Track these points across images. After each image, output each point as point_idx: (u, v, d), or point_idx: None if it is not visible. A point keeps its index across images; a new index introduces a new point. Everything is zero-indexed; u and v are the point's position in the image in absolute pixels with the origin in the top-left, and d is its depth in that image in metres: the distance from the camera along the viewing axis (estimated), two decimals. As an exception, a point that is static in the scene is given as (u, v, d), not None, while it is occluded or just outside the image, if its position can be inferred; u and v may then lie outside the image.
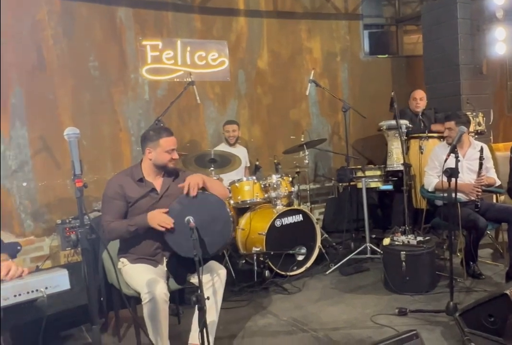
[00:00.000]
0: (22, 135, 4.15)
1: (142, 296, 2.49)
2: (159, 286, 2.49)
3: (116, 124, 4.70)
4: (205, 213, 2.60)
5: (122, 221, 2.68)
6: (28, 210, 4.14)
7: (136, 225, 2.63)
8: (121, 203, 2.72)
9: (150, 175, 2.82)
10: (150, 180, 2.80)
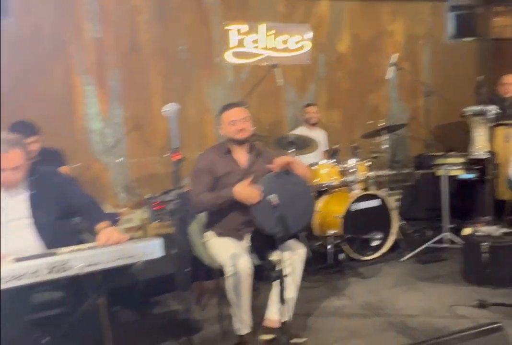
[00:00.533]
0: (118, 114, 4.37)
1: (226, 269, 2.56)
2: (243, 260, 2.55)
3: (202, 105, 4.81)
4: (290, 192, 2.63)
5: (210, 194, 2.75)
6: (122, 185, 4.38)
7: (222, 197, 2.69)
8: (209, 177, 2.79)
9: (235, 151, 2.88)
10: (235, 156, 2.87)
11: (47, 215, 2.38)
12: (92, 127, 4.31)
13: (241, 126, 2.77)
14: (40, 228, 2.35)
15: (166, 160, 4.53)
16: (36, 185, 2.39)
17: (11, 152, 2.23)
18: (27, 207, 2.36)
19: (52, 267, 1.92)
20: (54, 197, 2.41)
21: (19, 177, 2.30)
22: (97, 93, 4.31)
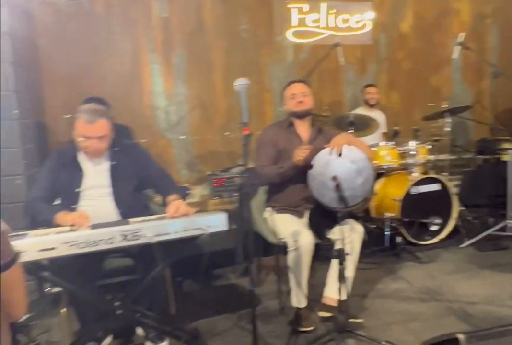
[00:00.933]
0: (182, 92, 4.41)
1: (288, 243, 2.55)
2: (305, 235, 2.54)
3: (262, 84, 4.76)
4: (350, 165, 2.61)
5: (273, 165, 2.79)
6: (184, 161, 4.45)
7: (284, 166, 2.73)
8: (272, 149, 2.84)
9: (297, 125, 2.91)
10: (298, 131, 2.90)
11: (124, 185, 2.47)
12: (157, 104, 4.38)
13: (300, 99, 2.83)
14: (117, 197, 2.44)
15: (226, 139, 4.57)
16: (117, 156, 2.49)
17: (98, 121, 2.33)
18: (108, 177, 2.45)
19: (125, 235, 1.99)
20: (132, 168, 2.50)
21: (104, 146, 2.40)
22: (162, 72, 4.36)
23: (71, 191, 2.40)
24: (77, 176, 2.42)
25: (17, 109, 3.08)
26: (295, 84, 2.91)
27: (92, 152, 2.40)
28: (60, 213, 2.22)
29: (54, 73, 4.00)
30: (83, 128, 2.33)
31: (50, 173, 2.43)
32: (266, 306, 2.88)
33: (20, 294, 1.09)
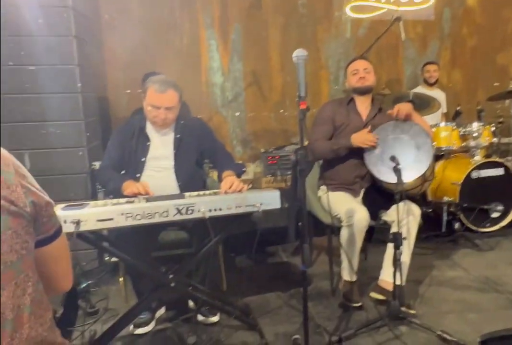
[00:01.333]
0: (238, 68, 4.31)
1: (342, 220, 2.47)
2: (360, 212, 2.44)
3: (318, 61, 4.59)
4: (408, 141, 2.51)
5: (327, 141, 2.71)
6: (239, 138, 4.38)
7: (339, 144, 2.64)
8: (328, 125, 2.76)
9: (357, 102, 2.82)
10: (357, 107, 2.81)
11: (186, 159, 2.47)
12: (214, 80, 4.31)
13: (362, 75, 2.75)
14: (178, 170, 2.44)
15: (281, 116, 4.45)
16: (182, 129, 2.47)
17: (168, 91, 2.32)
18: (172, 149, 2.44)
19: (179, 209, 1.95)
20: (195, 143, 2.49)
21: (171, 117, 2.39)
22: (219, 48, 4.27)
23: (137, 161, 2.42)
24: (144, 145, 2.43)
25: (80, 83, 3.10)
26: (358, 60, 2.86)
27: (160, 123, 2.38)
28: (127, 182, 2.24)
29: (115, 49, 4.01)
30: (153, 98, 2.32)
31: (118, 142, 2.45)
32: (317, 286, 2.80)
33: (64, 266, 1.05)
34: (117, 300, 2.62)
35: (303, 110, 1.89)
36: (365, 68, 2.77)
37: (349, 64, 2.86)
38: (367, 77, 2.76)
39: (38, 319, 0.90)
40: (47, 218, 0.95)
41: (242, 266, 3.17)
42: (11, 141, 3.04)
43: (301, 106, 1.89)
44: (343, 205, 2.53)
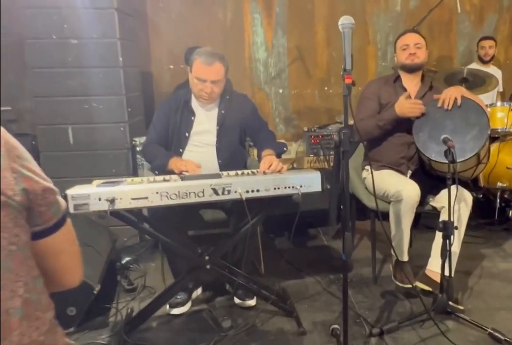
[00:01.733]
0: (282, 44, 4.08)
1: (391, 195, 2.27)
2: (410, 186, 2.24)
3: (366, 36, 4.29)
4: (462, 118, 2.25)
5: (372, 118, 2.49)
6: (281, 115, 4.19)
7: (384, 119, 2.42)
8: (375, 104, 2.54)
9: (406, 80, 2.56)
10: (405, 85, 2.55)
11: (228, 136, 2.34)
12: (257, 56, 4.10)
13: (413, 51, 2.47)
14: (219, 147, 2.33)
15: (325, 94, 4.21)
16: (227, 105, 2.35)
17: (215, 64, 2.18)
18: (215, 125, 2.32)
19: (215, 189, 1.83)
20: (239, 120, 2.36)
21: (217, 91, 2.25)
22: (263, 22, 4.04)
23: (180, 135, 2.32)
24: (189, 120, 2.32)
25: (121, 57, 2.98)
26: (409, 34, 2.56)
27: (206, 96, 2.25)
28: (173, 159, 2.15)
29: (159, 23, 3.87)
30: (199, 70, 2.19)
31: (164, 115, 2.35)
32: (358, 273, 2.60)
33: (68, 261, 0.91)
34: (155, 277, 2.55)
35: (348, 85, 1.68)
36: (417, 43, 2.49)
37: (399, 38, 2.57)
38: (418, 53, 2.49)
39: (34, 322, 0.78)
40: (46, 207, 0.81)
41: (281, 248, 3.01)
42: (55, 115, 2.99)
43: (346, 81, 1.68)
44: (391, 181, 2.34)
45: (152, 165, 2.33)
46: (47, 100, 2.97)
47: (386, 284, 2.44)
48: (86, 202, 1.76)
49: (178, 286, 2.11)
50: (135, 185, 1.83)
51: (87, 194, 1.76)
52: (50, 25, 2.87)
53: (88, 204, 1.76)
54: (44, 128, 3.01)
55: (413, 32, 2.61)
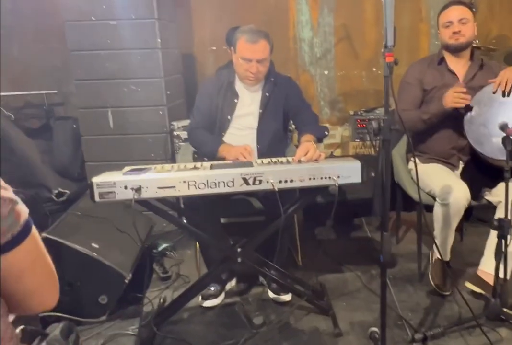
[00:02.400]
0: (329, 22, 3.77)
1: (439, 194, 2.02)
2: (459, 189, 1.99)
3: (417, 13, 3.89)
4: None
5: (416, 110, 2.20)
6: (327, 98, 3.91)
7: (429, 112, 2.13)
8: (417, 90, 2.25)
9: (452, 61, 2.23)
10: (451, 67, 2.22)
11: (271, 120, 2.17)
12: (302, 36, 3.83)
13: (457, 28, 2.11)
14: (260, 131, 2.16)
15: (374, 75, 3.89)
16: (271, 87, 2.17)
17: (260, 42, 2.01)
18: (258, 108, 2.16)
19: (246, 179, 1.67)
20: (282, 103, 2.18)
21: (262, 71, 2.08)
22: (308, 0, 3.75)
23: (223, 118, 2.17)
24: (232, 102, 2.16)
25: (159, 38, 2.84)
26: (453, 7, 2.16)
27: (251, 77, 2.08)
28: (224, 145, 2.03)
29: (201, 3, 3.68)
30: (243, 49, 2.02)
31: (207, 97, 2.20)
32: (402, 269, 2.35)
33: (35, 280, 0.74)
34: (190, 265, 2.45)
35: (389, 63, 1.43)
36: (461, 18, 2.12)
37: (441, 12, 2.21)
38: (463, 30, 2.13)
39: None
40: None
41: (321, 238, 2.80)
42: (95, 98, 2.92)
43: (387, 59, 1.43)
44: (438, 180, 2.08)
45: (199, 151, 2.21)
46: (87, 83, 2.89)
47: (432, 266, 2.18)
48: (112, 190, 1.65)
49: (210, 277, 1.98)
50: (163, 174, 1.70)
51: (112, 182, 1.65)
52: (89, 7, 2.76)
53: (114, 192, 1.65)
54: (85, 112, 2.94)
55: (458, 4, 2.19)
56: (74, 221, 2.13)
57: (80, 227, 2.08)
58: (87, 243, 1.97)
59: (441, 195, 2.00)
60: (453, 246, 2.10)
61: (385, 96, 1.45)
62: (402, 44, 3.90)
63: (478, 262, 2.03)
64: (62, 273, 1.92)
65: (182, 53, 3.44)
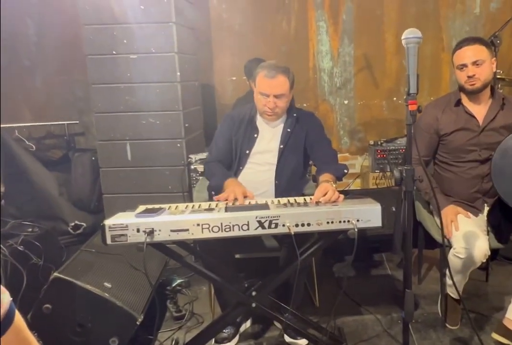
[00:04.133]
0: (349, 52, 3.77)
1: (455, 247, 1.91)
2: (479, 244, 1.87)
3: (439, 42, 3.85)
4: None
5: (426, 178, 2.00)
6: (346, 128, 3.87)
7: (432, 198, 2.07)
8: (430, 136, 2.15)
9: (469, 102, 2.10)
10: (470, 108, 2.09)
11: (290, 156, 2.13)
12: (322, 65, 3.82)
13: (471, 72, 1.97)
14: (279, 167, 2.12)
15: (394, 104, 3.84)
16: (293, 123, 2.13)
17: (278, 77, 1.99)
18: (278, 144, 2.13)
19: (262, 222, 1.61)
20: (302, 138, 2.14)
21: (281, 106, 2.05)
22: (329, 30, 3.76)
23: (242, 153, 2.14)
24: (251, 137, 2.14)
25: (179, 72, 2.86)
26: (466, 47, 1.99)
27: (269, 112, 2.05)
28: (230, 181, 1.99)
29: (222, 34, 3.71)
30: (262, 84, 2.01)
31: (227, 130, 2.18)
32: (425, 312, 2.22)
33: None
34: (205, 303, 2.38)
35: (412, 111, 1.38)
36: (476, 60, 1.96)
37: (455, 52, 2.04)
38: (478, 73, 1.97)
39: None
40: None
41: (340, 276, 2.70)
42: (114, 131, 2.94)
43: (410, 107, 1.38)
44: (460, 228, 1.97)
45: (210, 183, 2.19)
46: (106, 116, 2.92)
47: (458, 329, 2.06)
48: (124, 233, 1.62)
49: (225, 321, 1.91)
50: (176, 216, 1.66)
51: (124, 225, 1.62)
52: (110, 41, 2.81)
53: (126, 235, 1.62)
54: (104, 144, 2.96)
55: (472, 43, 2.00)
56: (88, 259, 2.10)
57: (93, 265, 2.05)
58: (99, 282, 1.93)
59: (459, 248, 1.89)
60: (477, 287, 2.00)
61: (408, 144, 1.39)
62: (424, 73, 3.86)
63: (504, 306, 1.91)
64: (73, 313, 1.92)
65: (202, 83, 3.45)
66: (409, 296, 1.34)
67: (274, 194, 2.09)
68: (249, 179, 2.09)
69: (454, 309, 2.06)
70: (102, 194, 2.97)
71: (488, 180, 2.03)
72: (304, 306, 2.18)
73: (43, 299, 1.86)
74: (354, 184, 3.78)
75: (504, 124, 2.05)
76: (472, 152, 2.08)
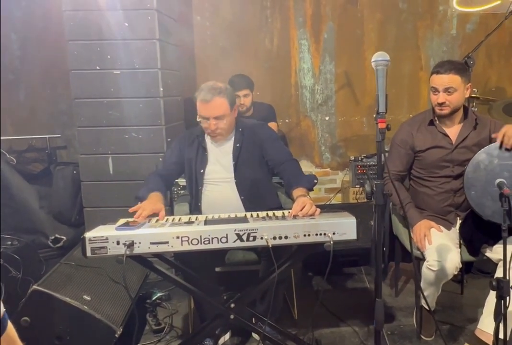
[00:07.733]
0: (330, 70, 3.89)
1: (428, 260, 1.98)
2: (451, 256, 1.94)
3: (418, 61, 4.01)
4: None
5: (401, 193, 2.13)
6: (327, 143, 3.96)
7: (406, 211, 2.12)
8: (404, 152, 2.22)
9: (443, 122, 2.19)
10: (443, 127, 2.18)
11: (248, 170, 2.15)
12: (304, 83, 3.93)
13: (441, 99, 2.06)
14: (239, 183, 2.14)
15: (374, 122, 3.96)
16: (241, 137, 2.17)
17: (214, 100, 2.02)
18: (231, 160, 2.16)
19: (240, 235, 1.67)
20: (258, 151, 2.17)
21: (222, 127, 2.08)
22: (311, 48, 3.88)
23: (196, 172, 2.18)
24: (203, 156, 2.18)
25: (161, 87, 2.92)
26: (440, 75, 2.05)
27: (212, 134, 2.11)
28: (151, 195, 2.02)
29: (206, 50, 3.80)
30: (200, 108, 2.07)
31: (176, 151, 2.24)
32: (400, 324, 2.28)
33: None
34: (185, 316, 2.40)
35: (382, 129, 1.46)
36: (448, 87, 2.04)
37: (431, 74, 2.12)
38: (448, 101, 2.06)
39: None
40: None
41: (319, 289, 2.75)
42: (97, 145, 2.97)
43: (379, 125, 1.46)
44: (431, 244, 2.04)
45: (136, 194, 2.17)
46: (89, 130, 2.95)
47: (433, 340, 2.13)
48: (104, 246, 1.66)
49: (204, 333, 1.94)
50: (156, 229, 1.70)
51: (105, 237, 1.65)
52: (95, 56, 2.86)
53: (106, 248, 1.66)
54: (86, 158, 2.98)
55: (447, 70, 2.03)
56: (67, 272, 2.11)
57: (72, 278, 2.07)
58: (78, 295, 1.95)
59: (431, 261, 1.96)
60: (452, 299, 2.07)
61: (378, 160, 1.46)
62: (403, 91, 4.00)
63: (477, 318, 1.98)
64: (52, 326, 1.93)
65: (185, 98, 3.52)
66: (379, 305, 1.40)
67: (244, 210, 2.09)
68: (213, 199, 2.13)
69: (428, 321, 2.13)
70: (83, 207, 2.99)
71: (461, 194, 2.12)
72: (283, 318, 2.23)
73: (21, 312, 1.87)
74: (335, 198, 3.86)
75: (477, 142, 2.14)
76: (446, 168, 2.17)
